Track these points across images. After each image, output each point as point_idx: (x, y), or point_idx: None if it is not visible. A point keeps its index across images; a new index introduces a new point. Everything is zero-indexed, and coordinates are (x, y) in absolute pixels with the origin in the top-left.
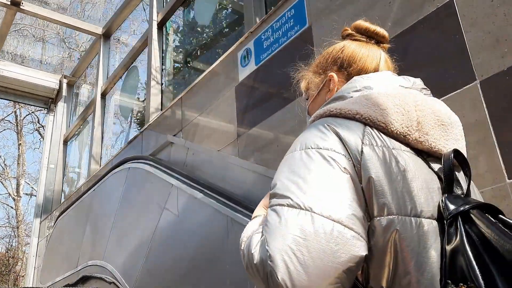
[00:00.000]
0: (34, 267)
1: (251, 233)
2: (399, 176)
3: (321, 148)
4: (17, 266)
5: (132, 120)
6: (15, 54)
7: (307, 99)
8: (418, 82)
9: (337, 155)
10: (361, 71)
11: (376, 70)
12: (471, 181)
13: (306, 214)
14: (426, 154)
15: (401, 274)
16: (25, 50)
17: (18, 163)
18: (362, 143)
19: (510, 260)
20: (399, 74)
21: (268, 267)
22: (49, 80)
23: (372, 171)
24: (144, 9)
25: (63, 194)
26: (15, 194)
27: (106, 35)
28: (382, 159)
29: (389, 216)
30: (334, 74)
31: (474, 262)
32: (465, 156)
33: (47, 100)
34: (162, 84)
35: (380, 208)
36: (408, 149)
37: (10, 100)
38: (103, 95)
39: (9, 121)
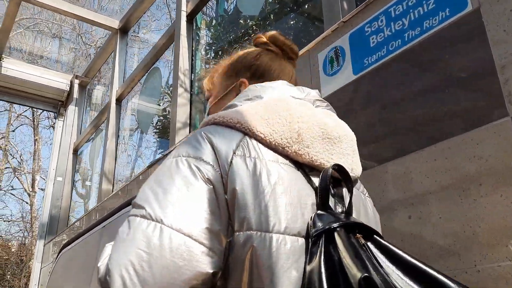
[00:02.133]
0: None
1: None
2: (267, 189)
3: (190, 157)
4: (30, 262)
5: (153, 132)
6: (24, 52)
7: (208, 99)
8: (313, 93)
9: (203, 165)
10: (265, 80)
11: (278, 79)
12: (368, 199)
13: (155, 226)
14: (309, 168)
15: None
16: (36, 47)
17: (34, 159)
18: (234, 153)
19: (356, 286)
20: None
21: (106, 283)
22: (59, 81)
23: (237, 183)
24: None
25: (71, 214)
26: (31, 190)
27: (123, 30)
28: (251, 171)
29: (248, 232)
30: (245, 81)
31: (325, 285)
32: (352, 171)
33: (57, 103)
34: (191, 92)
35: (240, 222)
36: (287, 161)
37: (15, 103)
38: (119, 101)
39: (26, 116)
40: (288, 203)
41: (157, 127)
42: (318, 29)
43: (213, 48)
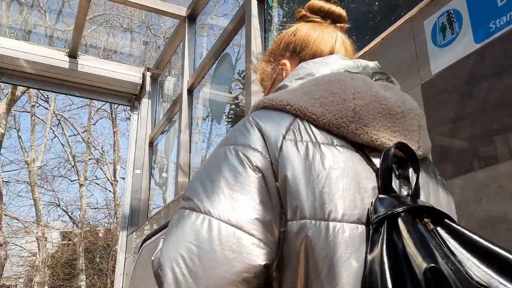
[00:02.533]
0: (122, 287)
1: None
2: (321, 174)
3: (238, 145)
4: (116, 247)
5: (225, 121)
6: (98, 48)
7: (263, 92)
8: (371, 65)
9: (251, 152)
10: (315, 55)
11: (331, 52)
12: (439, 179)
13: (204, 218)
14: (369, 149)
15: (313, 286)
16: (109, 42)
17: (114, 150)
18: (284, 138)
19: (421, 277)
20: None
21: (159, 276)
22: (132, 74)
23: (288, 169)
24: None
25: (150, 204)
26: (113, 179)
27: (191, 17)
28: (303, 156)
29: (301, 221)
30: (286, 61)
31: (388, 276)
32: (419, 149)
33: (131, 97)
34: None
35: (293, 211)
36: (344, 143)
37: (92, 99)
38: (190, 91)
39: (104, 110)
40: (345, 188)
41: (229, 116)
42: None
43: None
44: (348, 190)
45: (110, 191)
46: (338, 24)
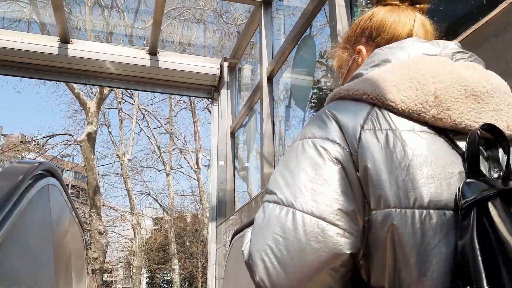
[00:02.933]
0: (215, 277)
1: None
2: (403, 162)
3: (316, 138)
4: (204, 231)
5: (308, 107)
6: (175, 42)
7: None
8: (451, 46)
9: (330, 145)
10: (392, 40)
11: (409, 36)
12: None
13: (288, 210)
14: (453, 132)
15: (402, 274)
16: (184, 35)
17: (195, 139)
18: (362, 128)
19: None
20: (441, 38)
21: (250, 266)
22: (210, 66)
23: (368, 160)
24: None
25: (236, 194)
26: (196, 167)
27: (267, 1)
28: (383, 145)
29: (386, 210)
30: (362, 47)
31: (480, 262)
32: (508, 128)
33: (210, 89)
34: None
35: (376, 200)
36: (425, 128)
37: (172, 94)
38: (270, 78)
39: (184, 101)
40: (430, 174)
41: (312, 101)
42: None
43: (369, 7)
44: (433, 176)
45: (194, 179)
46: (418, 6)
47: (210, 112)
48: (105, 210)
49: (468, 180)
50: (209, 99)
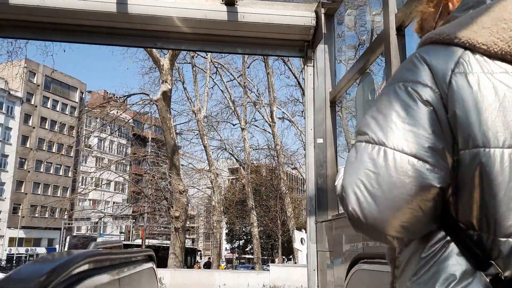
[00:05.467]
0: (317, 285)
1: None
2: (493, 104)
3: (407, 81)
4: (280, 186)
5: None
6: None
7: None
8: None
9: (421, 88)
10: None
11: None
12: None
13: (379, 148)
14: None
15: (489, 209)
16: None
17: (269, 91)
18: (453, 71)
19: None
20: None
21: (343, 198)
22: (302, 15)
23: (458, 102)
24: None
25: None
26: (270, 120)
27: None
28: (474, 88)
29: (474, 149)
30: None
31: None
32: None
33: (302, 45)
34: None
35: (464, 140)
36: None
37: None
38: (400, 29)
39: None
40: None
41: None
42: None
43: None
44: None
45: (269, 132)
46: None
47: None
48: (183, 167)
49: None
50: (302, 59)
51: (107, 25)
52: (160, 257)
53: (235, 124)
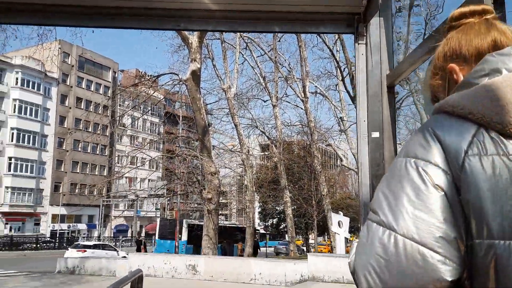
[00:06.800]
0: None
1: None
2: (509, 191)
3: (418, 159)
4: (314, 164)
5: None
6: None
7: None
8: None
9: (432, 169)
10: (473, 54)
11: (494, 43)
12: None
13: (390, 234)
14: None
15: None
16: None
17: (301, 65)
18: (466, 153)
19: None
20: None
21: (354, 279)
22: None
23: (471, 188)
24: None
25: None
26: (302, 96)
27: None
28: (488, 173)
29: (489, 240)
30: (453, 65)
31: None
32: None
33: (351, 19)
34: None
35: (479, 229)
36: None
37: (296, 33)
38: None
39: None
40: None
41: None
42: None
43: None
44: None
45: (302, 108)
46: (488, 16)
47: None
48: (214, 148)
49: None
50: (352, 35)
51: (121, 5)
52: (196, 236)
53: (266, 101)
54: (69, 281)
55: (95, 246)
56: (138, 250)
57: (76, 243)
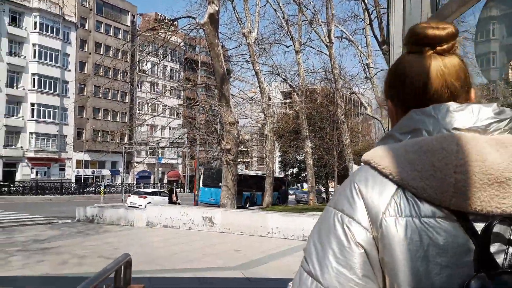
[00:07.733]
0: None
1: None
2: (418, 253)
3: (344, 214)
4: (338, 113)
5: None
6: None
7: None
8: (486, 113)
9: (355, 227)
10: (410, 94)
11: (425, 88)
12: None
13: (317, 285)
14: (474, 215)
15: None
16: None
17: (326, 8)
18: (384, 213)
19: None
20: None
21: None
22: None
23: (385, 250)
24: None
25: None
26: (327, 40)
27: None
28: (401, 235)
29: None
30: (390, 104)
31: None
32: None
33: None
34: None
35: (392, 287)
36: (446, 213)
37: None
38: None
39: None
40: (444, 265)
41: None
42: None
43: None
44: (446, 267)
45: (326, 54)
46: (439, 48)
47: None
48: (233, 97)
49: (474, 278)
50: None
51: None
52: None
53: (289, 46)
54: (87, 230)
55: (153, 193)
56: (170, 200)
57: (137, 190)
